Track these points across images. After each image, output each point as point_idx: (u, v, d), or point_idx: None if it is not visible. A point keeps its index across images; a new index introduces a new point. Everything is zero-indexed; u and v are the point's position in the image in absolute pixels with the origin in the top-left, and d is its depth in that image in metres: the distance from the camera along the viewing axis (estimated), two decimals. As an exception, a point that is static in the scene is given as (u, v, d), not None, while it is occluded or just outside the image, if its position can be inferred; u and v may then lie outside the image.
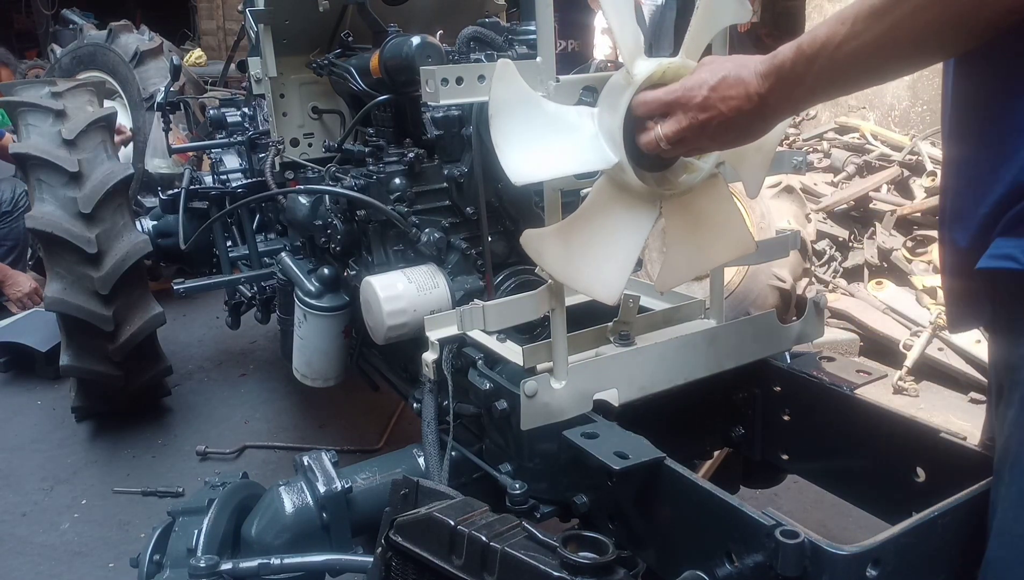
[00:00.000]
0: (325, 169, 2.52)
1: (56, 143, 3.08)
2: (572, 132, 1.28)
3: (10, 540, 2.77)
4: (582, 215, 1.33)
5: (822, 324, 1.79)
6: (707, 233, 1.45)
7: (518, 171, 1.22)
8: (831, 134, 5.08)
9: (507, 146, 1.23)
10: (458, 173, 2.16)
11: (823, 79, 1.02)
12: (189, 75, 5.44)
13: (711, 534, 1.20)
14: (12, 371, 4.10)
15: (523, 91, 1.26)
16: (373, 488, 1.75)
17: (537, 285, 1.62)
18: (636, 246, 1.35)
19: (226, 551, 1.67)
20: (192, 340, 4.46)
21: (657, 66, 1.27)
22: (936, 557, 1.15)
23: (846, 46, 0.97)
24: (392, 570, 1.29)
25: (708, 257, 1.51)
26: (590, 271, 1.34)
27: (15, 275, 4.54)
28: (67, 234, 2.95)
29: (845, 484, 1.66)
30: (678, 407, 1.67)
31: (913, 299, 3.91)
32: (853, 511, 1.65)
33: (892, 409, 1.54)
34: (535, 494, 1.58)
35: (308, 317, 2.47)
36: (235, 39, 4.44)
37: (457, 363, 1.76)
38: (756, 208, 3.83)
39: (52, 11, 10.23)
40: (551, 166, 1.27)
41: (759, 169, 1.46)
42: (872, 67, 0.98)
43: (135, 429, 3.45)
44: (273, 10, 2.72)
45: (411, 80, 2.28)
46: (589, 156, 1.28)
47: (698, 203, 1.40)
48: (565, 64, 1.48)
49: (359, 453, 3.16)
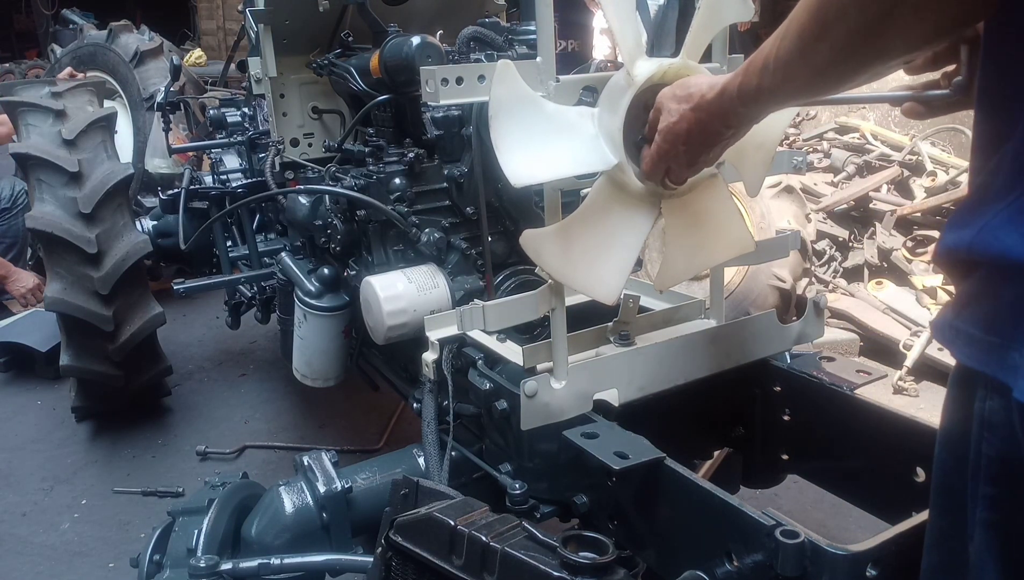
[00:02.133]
0: (325, 169, 2.52)
1: (56, 143, 3.08)
2: (572, 133, 1.28)
3: (10, 540, 2.77)
4: (582, 215, 1.33)
5: (822, 324, 1.79)
6: (707, 232, 1.45)
7: (518, 173, 1.22)
8: (831, 134, 5.07)
9: (507, 147, 1.23)
10: (458, 173, 2.16)
11: (771, 96, 1.03)
12: (189, 75, 5.44)
13: (711, 534, 1.20)
14: (12, 371, 4.09)
15: (523, 92, 1.26)
16: (373, 488, 1.75)
17: (537, 285, 1.62)
18: (635, 246, 1.35)
19: (226, 551, 1.67)
20: (192, 340, 4.46)
21: (658, 67, 1.27)
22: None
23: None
24: (392, 570, 1.29)
25: (708, 256, 1.51)
26: (589, 271, 1.34)
27: (18, 272, 4.54)
28: (67, 234, 2.94)
29: (845, 484, 1.66)
30: (678, 407, 1.67)
31: (913, 299, 3.91)
32: (853, 511, 1.65)
33: (892, 409, 1.54)
34: (535, 494, 1.58)
35: (308, 317, 2.47)
36: (235, 39, 4.44)
37: (457, 363, 1.76)
38: (756, 208, 3.83)
39: (52, 11, 10.24)
40: (551, 168, 1.27)
41: (760, 167, 1.46)
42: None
43: (135, 429, 3.44)
44: (273, 10, 2.72)
45: (411, 80, 2.28)
46: (589, 157, 1.28)
47: (698, 202, 1.40)
48: (565, 64, 1.48)
49: (359, 453, 3.16)
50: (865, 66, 0.85)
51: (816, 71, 0.90)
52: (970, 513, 0.85)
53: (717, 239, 1.47)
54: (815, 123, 5.34)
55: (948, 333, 0.87)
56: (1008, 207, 0.77)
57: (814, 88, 0.95)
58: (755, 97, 1.03)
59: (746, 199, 3.64)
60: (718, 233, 1.46)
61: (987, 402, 0.81)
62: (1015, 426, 0.78)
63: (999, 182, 0.79)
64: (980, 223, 0.80)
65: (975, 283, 0.84)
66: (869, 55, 0.83)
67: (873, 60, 0.84)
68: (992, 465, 0.81)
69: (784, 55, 0.92)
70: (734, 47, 1.60)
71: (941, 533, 0.93)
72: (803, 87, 0.95)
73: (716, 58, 1.57)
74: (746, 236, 1.50)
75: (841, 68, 0.87)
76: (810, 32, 0.86)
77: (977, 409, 0.83)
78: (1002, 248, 0.77)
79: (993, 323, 0.80)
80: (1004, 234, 0.77)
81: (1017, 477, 0.79)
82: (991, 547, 0.83)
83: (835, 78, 0.90)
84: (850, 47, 0.83)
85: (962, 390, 0.87)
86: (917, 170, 4.48)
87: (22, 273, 4.55)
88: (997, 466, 0.81)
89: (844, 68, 0.86)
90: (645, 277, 3.31)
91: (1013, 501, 0.80)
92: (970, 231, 0.81)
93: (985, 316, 0.81)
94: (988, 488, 0.82)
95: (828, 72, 0.89)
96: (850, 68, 0.86)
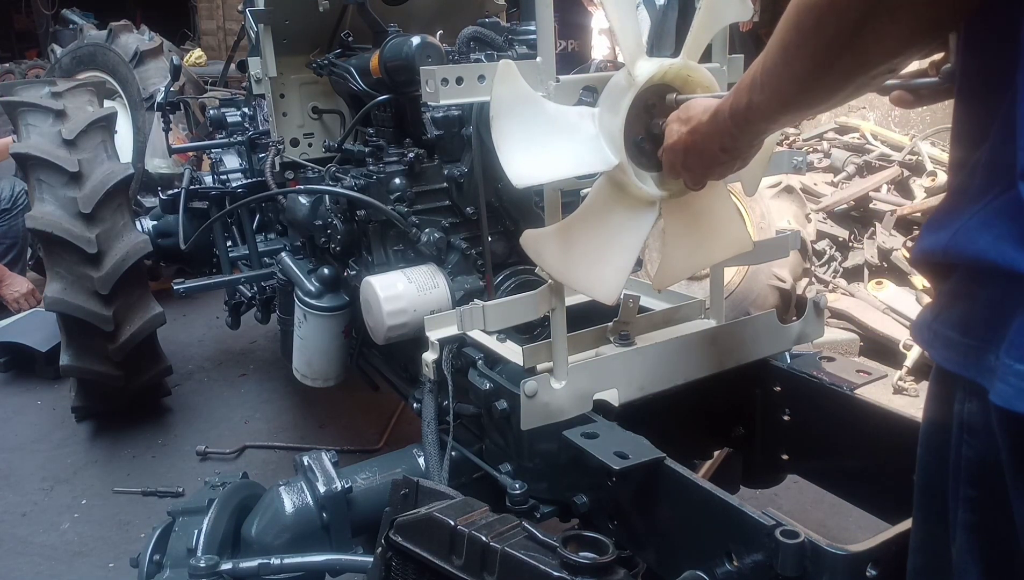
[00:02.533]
0: (325, 169, 2.52)
1: (56, 143, 3.08)
2: (573, 133, 1.28)
3: (10, 540, 2.77)
4: (582, 215, 1.33)
5: (822, 324, 1.79)
6: (705, 232, 1.45)
7: (520, 174, 1.23)
8: (831, 134, 5.07)
9: (509, 148, 1.23)
10: (458, 173, 2.16)
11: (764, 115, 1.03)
12: (189, 75, 5.44)
13: (711, 534, 1.20)
14: (12, 371, 4.09)
15: (525, 92, 1.26)
16: (373, 488, 1.75)
17: (537, 285, 1.62)
18: (635, 246, 1.35)
19: (226, 551, 1.67)
20: (192, 340, 4.46)
21: (658, 67, 1.27)
22: (936, 557, 1.15)
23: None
24: (392, 570, 1.29)
25: (706, 255, 1.51)
26: (589, 271, 1.34)
27: (12, 276, 4.53)
28: (67, 234, 2.94)
29: (845, 484, 1.66)
30: (678, 407, 1.67)
31: (913, 299, 3.91)
32: (853, 511, 1.65)
33: (892, 409, 1.54)
34: (535, 494, 1.58)
35: (308, 317, 2.47)
36: (235, 39, 4.44)
37: (457, 363, 1.76)
38: (756, 208, 3.82)
39: (52, 11, 10.23)
40: (553, 169, 1.27)
41: (757, 167, 1.47)
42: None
43: (135, 429, 3.44)
44: (273, 10, 2.72)
45: (411, 80, 2.28)
46: (590, 157, 1.28)
47: (697, 202, 1.40)
48: (565, 64, 1.48)
49: (359, 453, 3.16)
50: (848, 77, 0.85)
51: (799, 83, 0.89)
52: (952, 515, 0.85)
53: (716, 239, 1.47)
54: (815, 123, 5.34)
55: (927, 335, 0.87)
56: (983, 209, 0.77)
57: (801, 102, 0.94)
58: (745, 116, 1.03)
59: (746, 199, 3.64)
60: (717, 233, 1.47)
61: (966, 404, 0.81)
62: (993, 429, 0.77)
63: (975, 184, 0.79)
64: (956, 225, 0.80)
65: (952, 285, 0.84)
66: (850, 64, 0.82)
67: (855, 70, 0.83)
68: (972, 467, 0.81)
69: (769, 67, 0.92)
70: (734, 47, 1.60)
71: (926, 535, 0.93)
72: (790, 101, 0.95)
73: (716, 58, 1.57)
74: (744, 236, 1.50)
75: (824, 79, 0.86)
76: (792, 42, 0.86)
77: (956, 411, 0.83)
78: (977, 250, 0.77)
79: (969, 326, 0.80)
80: (978, 236, 0.77)
81: (997, 479, 0.79)
82: (972, 549, 0.83)
83: (820, 91, 0.89)
84: (830, 55, 0.82)
85: (941, 391, 0.87)
86: (917, 170, 4.48)
87: (16, 278, 4.54)
88: (976, 468, 0.81)
89: (827, 79, 0.86)
90: (645, 277, 3.31)
91: (993, 503, 0.80)
92: (946, 233, 0.81)
93: (962, 319, 0.81)
94: (969, 490, 0.82)
95: (811, 84, 0.88)
96: (833, 79, 0.86)
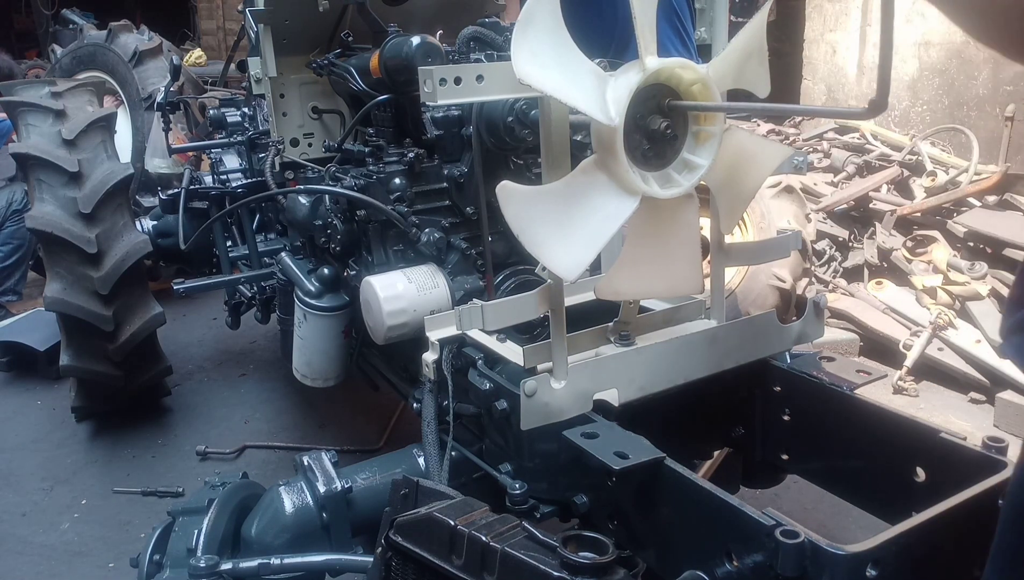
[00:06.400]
0: (325, 169, 2.52)
1: (56, 143, 3.08)
2: (585, 79, 1.28)
3: (10, 540, 2.77)
4: (562, 184, 1.33)
5: (822, 324, 1.79)
6: (660, 255, 1.45)
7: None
8: (831, 134, 5.07)
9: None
10: (458, 173, 2.16)
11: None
12: (189, 75, 5.45)
13: (711, 534, 1.20)
14: (12, 371, 4.10)
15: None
16: (373, 488, 1.75)
17: (537, 285, 1.62)
18: (606, 233, 1.31)
19: (226, 551, 1.67)
20: (192, 340, 4.46)
21: (663, 65, 1.30)
22: (936, 557, 1.15)
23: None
24: (392, 570, 1.29)
25: (649, 284, 1.51)
26: (550, 237, 1.32)
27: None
28: (67, 234, 2.95)
29: (845, 484, 1.65)
30: (678, 407, 1.67)
31: (913, 299, 3.91)
32: (853, 511, 1.65)
33: (892, 409, 1.54)
34: (535, 494, 1.58)
35: (308, 317, 2.47)
36: (235, 39, 4.44)
37: (457, 363, 1.76)
38: (756, 208, 3.82)
39: (52, 11, 10.23)
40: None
41: (736, 203, 1.47)
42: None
43: (135, 429, 3.45)
44: (273, 10, 2.72)
45: (411, 80, 2.28)
46: (593, 104, 1.27)
47: (666, 218, 1.40)
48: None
49: (359, 453, 3.16)
50: None
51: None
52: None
53: (667, 268, 1.47)
54: (815, 123, 5.34)
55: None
56: None
57: None
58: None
59: (746, 199, 3.64)
60: (670, 262, 1.46)
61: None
62: None
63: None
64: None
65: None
66: None
67: None
68: None
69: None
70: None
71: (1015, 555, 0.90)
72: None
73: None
74: (696, 284, 1.51)
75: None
76: None
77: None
78: None
79: None
80: None
81: None
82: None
83: None
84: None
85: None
86: (917, 170, 4.48)
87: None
88: None
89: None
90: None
91: None
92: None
93: None
94: None
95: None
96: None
